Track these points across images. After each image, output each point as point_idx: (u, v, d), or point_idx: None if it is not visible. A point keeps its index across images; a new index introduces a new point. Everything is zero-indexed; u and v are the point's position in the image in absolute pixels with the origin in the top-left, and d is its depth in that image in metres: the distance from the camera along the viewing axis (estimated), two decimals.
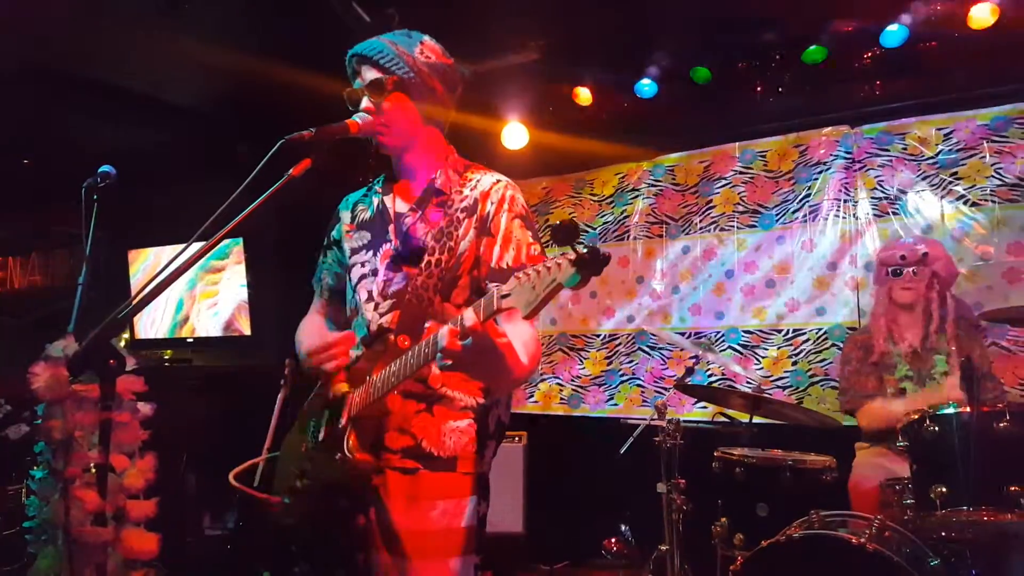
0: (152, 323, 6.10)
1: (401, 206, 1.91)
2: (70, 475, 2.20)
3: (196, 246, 1.56)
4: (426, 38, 1.90)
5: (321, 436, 1.80)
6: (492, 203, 1.83)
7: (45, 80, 4.64)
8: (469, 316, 1.41)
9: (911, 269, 3.38)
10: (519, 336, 1.62)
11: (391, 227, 1.89)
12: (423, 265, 1.80)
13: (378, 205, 1.94)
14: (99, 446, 1.50)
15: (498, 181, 1.88)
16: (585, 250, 1.24)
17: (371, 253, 1.89)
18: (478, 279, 1.81)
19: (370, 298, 1.85)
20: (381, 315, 1.82)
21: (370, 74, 1.82)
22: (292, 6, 3.96)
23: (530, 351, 1.66)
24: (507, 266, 1.75)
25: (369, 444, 1.72)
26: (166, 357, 5.95)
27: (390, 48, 1.82)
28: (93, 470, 2.21)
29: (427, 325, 1.76)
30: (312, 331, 2.02)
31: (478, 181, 1.88)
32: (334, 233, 2.05)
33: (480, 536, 1.80)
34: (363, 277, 1.88)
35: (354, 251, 1.93)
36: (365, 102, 1.82)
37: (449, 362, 1.45)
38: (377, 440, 1.75)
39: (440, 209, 1.85)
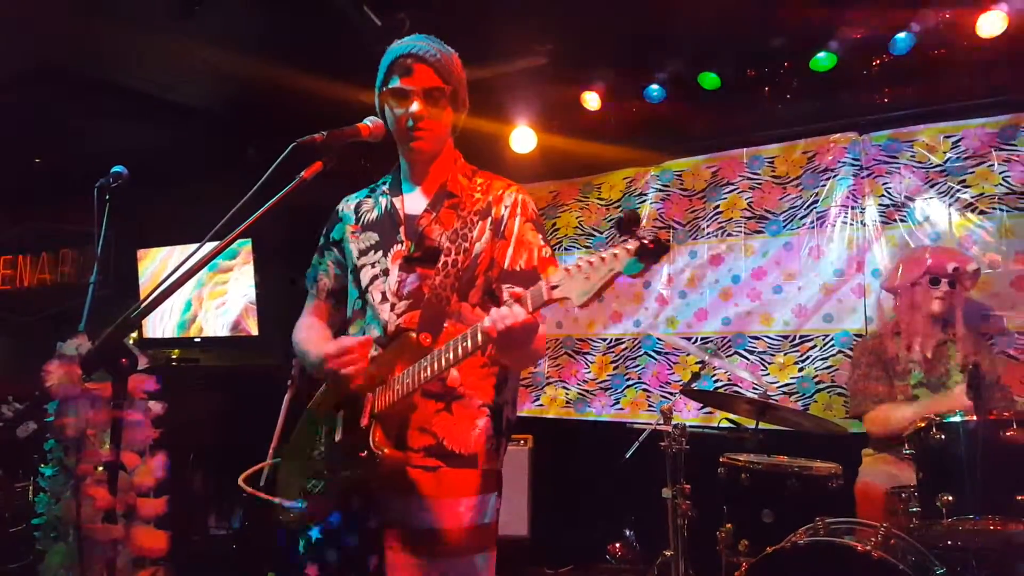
0: (160, 323, 6.12)
1: (411, 208, 1.93)
2: (81, 472, 2.22)
3: (207, 247, 1.57)
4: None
5: (338, 437, 1.79)
6: (506, 207, 1.89)
7: (56, 81, 4.67)
8: (518, 309, 1.51)
9: (947, 280, 3.34)
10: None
11: (401, 228, 1.90)
12: (440, 266, 1.82)
13: (386, 206, 1.95)
14: (110, 444, 1.51)
15: (510, 186, 1.94)
16: (648, 239, 1.34)
17: (380, 254, 1.90)
18: (491, 280, 1.86)
19: (384, 299, 1.85)
20: (399, 315, 1.83)
21: (427, 79, 1.83)
22: (303, 9, 3.98)
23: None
24: (520, 268, 1.83)
25: (394, 440, 1.73)
26: (174, 356, 5.97)
27: (444, 57, 1.86)
28: (104, 468, 2.22)
29: (446, 325, 1.79)
30: (316, 335, 2.00)
31: (488, 185, 1.93)
32: (334, 234, 2.05)
33: (497, 531, 1.84)
34: (375, 278, 1.89)
35: (361, 252, 1.94)
36: (416, 106, 1.83)
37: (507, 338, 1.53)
38: (401, 437, 1.76)
39: (453, 211, 1.89)
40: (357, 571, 1.75)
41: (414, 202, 1.94)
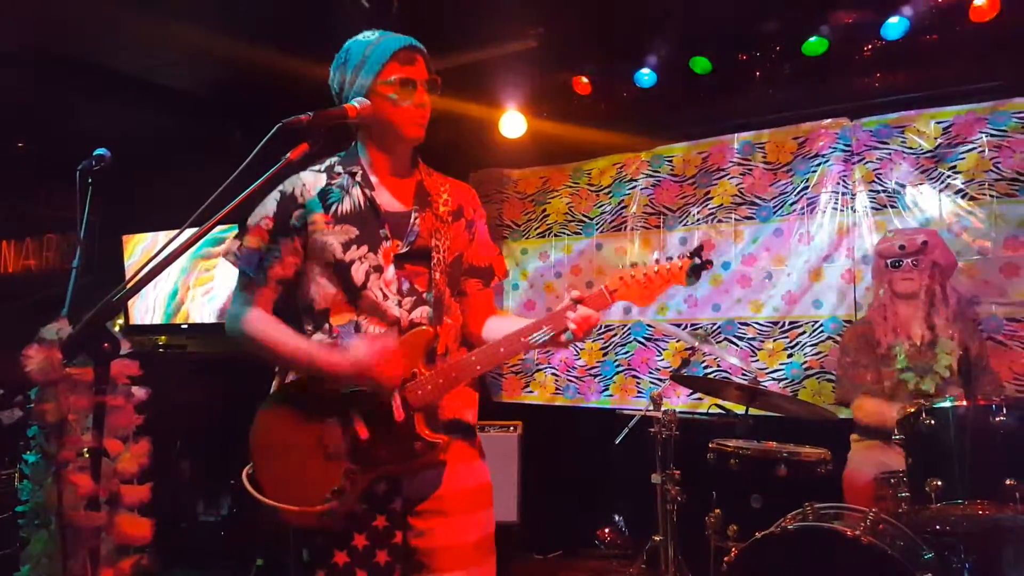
0: (147, 309, 6.08)
1: (390, 204, 1.93)
2: (63, 459, 2.19)
3: (191, 231, 1.54)
4: None
5: (364, 434, 1.80)
6: (474, 210, 2.07)
7: (40, 63, 4.60)
8: (583, 308, 1.75)
9: (910, 260, 3.38)
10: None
11: (387, 225, 1.89)
12: (434, 264, 1.89)
13: (362, 200, 1.90)
14: (93, 430, 1.48)
15: (472, 189, 2.11)
16: (704, 261, 1.74)
17: (366, 248, 1.86)
18: (460, 275, 2.02)
19: (386, 295, 1.85)
20: (409, 311, 1.86)
21: (425, 70, 1.91)
22: None
23: None
24: (484, 265, 2.06)
25: (434, 426, 1.83)
26: (160, 343, 5.93)
27: None
28: (87, 454, 2.20)
29: (446, 320, 1.91)
30: (296, 337, 1.90)
31: (450, 186, 2.03)
32: (295, 220, 1.89)
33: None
34: (368, 273, 1.86)
35: (344, 246, 1.86)
36: (424, 96, 1.89)
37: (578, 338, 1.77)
38: (433, 422, 1.85)
39: (432, 210, 1.95)
40: (387, 549, 1.83)
41: (392, 198, 1.95)
